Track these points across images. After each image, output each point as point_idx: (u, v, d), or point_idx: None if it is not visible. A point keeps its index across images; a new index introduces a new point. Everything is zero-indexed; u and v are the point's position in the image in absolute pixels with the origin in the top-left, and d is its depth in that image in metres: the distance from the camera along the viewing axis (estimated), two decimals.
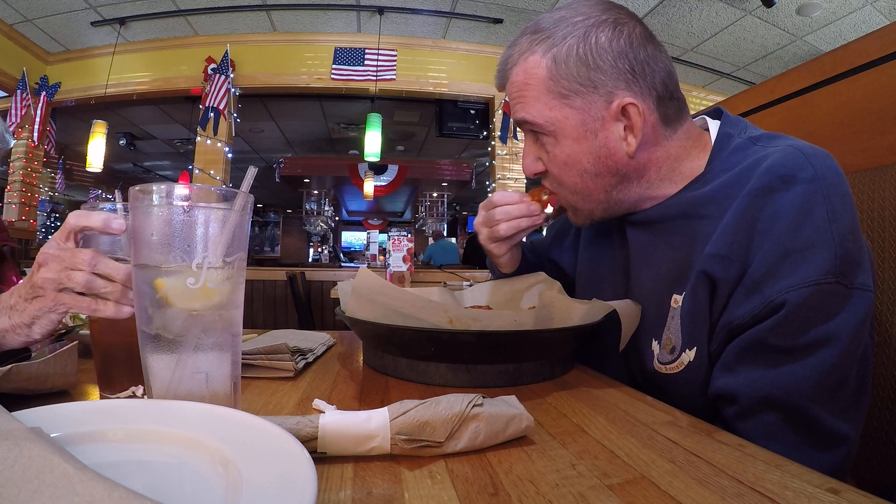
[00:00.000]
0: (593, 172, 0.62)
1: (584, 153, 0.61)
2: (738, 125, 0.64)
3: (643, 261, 0.66)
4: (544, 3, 3.68)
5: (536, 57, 0.61)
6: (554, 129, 0.61)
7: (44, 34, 4.07)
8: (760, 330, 0.50)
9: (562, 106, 0.60)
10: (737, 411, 0.52)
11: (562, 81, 0.59)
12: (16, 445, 0.21)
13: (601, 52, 0.58)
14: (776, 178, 0.52)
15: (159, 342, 0.36)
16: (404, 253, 2.94)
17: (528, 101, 0.62)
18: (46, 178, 6.49)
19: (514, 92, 0.64)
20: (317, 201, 9.49)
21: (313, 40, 4.21)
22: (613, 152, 0.61)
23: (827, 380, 0.48)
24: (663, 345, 0.60)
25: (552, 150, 0.63)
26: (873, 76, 0.84)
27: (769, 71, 4.38)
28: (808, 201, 0.50)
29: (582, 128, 0.60)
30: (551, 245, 0.93)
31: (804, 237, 0.49)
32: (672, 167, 0.63)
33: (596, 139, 0.61)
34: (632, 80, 0.59)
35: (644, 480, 0.33)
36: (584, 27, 0.59)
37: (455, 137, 4.71)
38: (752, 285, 0.51)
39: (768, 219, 0.51)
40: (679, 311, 0.57)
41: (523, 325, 0.58)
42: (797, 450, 0.49)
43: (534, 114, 0.62)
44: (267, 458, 0.26)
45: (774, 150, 0.56)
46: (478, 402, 0.38)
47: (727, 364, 0.53)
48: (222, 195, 0.37)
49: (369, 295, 0.60)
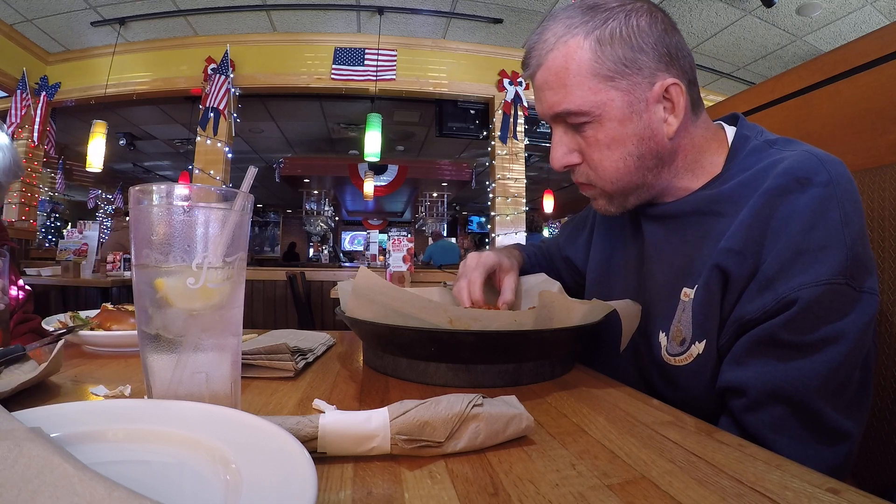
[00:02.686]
0: (637, 154, 0.62)
1: (629, 135, 0.61)
2: (755, 129, 0.66)
3: (656, 254, 0.67)
4: (544, 3, 3.68)
5: (578, 39, 0.60)
6: (600, 113, 0.61)
7: (44, 34, 4.07)
8: (772, 325, 0.51)
9: (607, 88, 0.60)
10: (745, 404, 0.52)
11: (607, 63, 0.59)
12: (16, 445, 0.21)
13: (643, 35, 0.59)
14: (792, 180, 0.54)
15: (159, 342, 0.36)
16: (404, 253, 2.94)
17: (569, 89, 0.61)
18: (46, 178, 6.49)
19: (550, 79, 0.62)
20: (317, 201, 9.49)
21: (313, 40, 4.21)
22: (656, 134, 0.62)
23: (833, 377, 0.50)
24: (672, 336, 0.61)
25: (594, 135, 0.62)
26: (873, 76, 0.84)
27: (769, 71, 4.39)
28: (822, 204, 0.52)
29: (628, 109, 0.60)
30: (566, 244, 0.94)
31: (818, 238, 0.51)
32: (696, 158, 0.65)
33: (641, 120, 0.61)
34: (670, 63, 0.60)
35: (644, 480, 0.33)
36: (623, 11, 0.60)
37: (455, 137, 4.71)
38: (765, 281, 0.52)
39: (783, 218, 0.53)
40: (690, 303, 0.59)
41: (523, 325, 0.58)
42: (803, 443, 0.50)
43: (578, 102, 0.61)
44: (267, 459, 0.26)
45: (791, 153, 0.57)
46: (478, 402, 0.38)
47: (737, 357, 0.54)
48: (222, 195, 0.37)
49: (369, 295, 0.60)
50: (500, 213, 4.28)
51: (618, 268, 0.76)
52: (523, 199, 4.34)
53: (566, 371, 0.64)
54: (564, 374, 0.63)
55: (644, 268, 0.69)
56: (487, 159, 4.57)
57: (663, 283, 0.64)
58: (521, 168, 4.33)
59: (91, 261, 3.33)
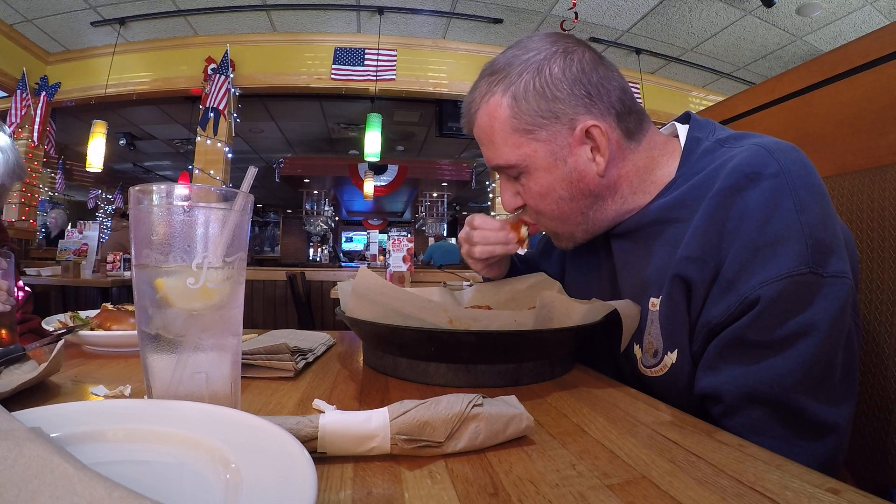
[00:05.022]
0: (568, 197, 0.65)
1: (557, 181, 0.64)
2: (706, 128, 0.65)
3: (624, 268, 0.67)
4: (544, 4, 3.68)
5: (497, 98, 0.63)
6: (526, 165, 0.64)
7: (44, 34, 4.07)
8: (738, 327, 0.51)
9: (528, 141, 0.63)
10: (722, 409, 0.52)
11: (524, 117, 0.62)
12: (16, 445, 0.21)
13: (556, 83, 0.60)
14: (742, 177, 0.53)
15: (159, 342, 0.36)
16: (404, 253, 2.94)
17: (496, 145, 0.65)
18: (46, 178, 6.49)
19: (482, 136, 0.67)
20: (317, 201, 9.49)
21: (313, 40, 4.21)
22: (584, 175, 0.63)
23: (810, 370, 0.49)
24: (646, 349, 0.61)
25: (527, 184, 0.66)
26: (873, 76, 0.84)
27: (769, 71, 4.39)
28: (774, 196, 0.51)
29: (551, 157, 0.63)
30: (540, 258, 0.95)
31: (773, 231, 0.50)
32: (643, 178, 0.65)
33: (566, 165, 0.63)
34: (590, 104, 0.61)
35: (644, 480, 0.33)
36: (536, 62, 0.61)
37: (455, 137, 4.71)
38: (726, 284, 0.52)
39: (737, 217, 0.52)
40: (657, 314, 0.58)
41: (523, 325, 0.58)
42: (786, 442, 0.49)
43: (505, 156, 0.65)
44: (267, 459, 0.26)
45: (740, 150, 0.57)
46: (478, 402, 0.38)
47: (709, 363, 0.54)
48: (222, 195, 0.37)
49: (369, 295, 0.60)
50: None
51: (594, 284, 0.76)
52: None
53: (566, 371, 0.64)
54: (564, 374, 0.63)
55: (618, 283, 0.69)
56: None
57: (632, 295, 0.64)
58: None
59: (91, 261, 3.33)
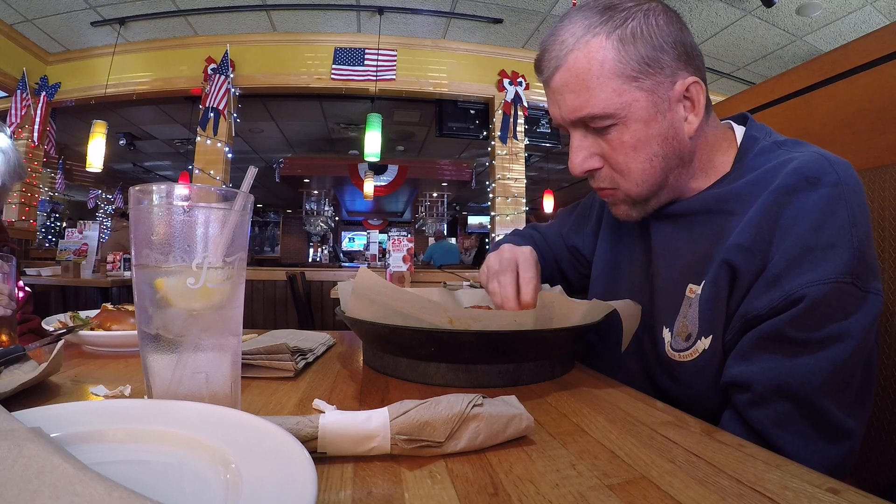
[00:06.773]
0: (662, 155, 0.61)
1: (654, 136, 0.60)
2: (764, 130, 0.66)
3: (663, 252, 0.67)
4: (544, 4, 3.68)
5: (600, 39, 0.58)
6: (625, 115, 0.59)
7: (44, 34, 4.06)
8: (778, 322, 0.51)
9: (632, 89, 0.58)
10: (750, 398, 0.53)
11: (631, 63, 0.58)
12: (16, 445, 0.21)
13: (662, 34, 0.59)
14: (802, 179, 0.54)
15: (159, 342, 0.35)
16: (404, 253, 2.94)
17: (593, 91, 0.59)
18: (46, 178, 6.48)
19: (571, 81, 0.60)
20: (317, 201, 9.49)
21: (313, 40, 4.21)
22: (678, 133, 0.61)
23: (837, 375, 0.50)
24: (678, 332, 0.61)
25: (619, 138, 0.61)
26: (873, 76, 0.84)
27: (769, 71, 4.39)
28: (831, 203, 0.52)
29: (653, 109, 0.59)
30: (571, 232, 0.92)
31: (826, 236, 0.51)
32: (709, 157, 0.65)
33: (665, 120, 0.60)
34: (688, 62, 0.60)
35: (644, 480, 0.33)
36: (641, 10, 0.59)
37: (455, 137, 4.70)
38: (772, 278, 0.52)
39: (792, 216, 0.53)
40: (697, 299, 0.59)
41: (523, 325, 0.58)
42: (806, 439, 0.50)
43: (603, 104, 0.59)
44: (267, 459, 0.26)
45: (800, 154, 0.58)
46: (478, 402, 0.38)
47: (743, 353, 0.54)
48: (222, 195, 0.37)
49: (369, 295, 0.60)
50: (500, 213, 4.28)
51: (624, 264, 0.76)
52: (523, 199, 4.34)
53: (566, 371, 0.64)
54: (564, 374, 0.63)
55: (651, 265, 0.69)
56: (487, 159, 4.57)
57: (669, 279, 0.64)
58: (521, 168, 4.33)
59: (91, 261, 3.33)
